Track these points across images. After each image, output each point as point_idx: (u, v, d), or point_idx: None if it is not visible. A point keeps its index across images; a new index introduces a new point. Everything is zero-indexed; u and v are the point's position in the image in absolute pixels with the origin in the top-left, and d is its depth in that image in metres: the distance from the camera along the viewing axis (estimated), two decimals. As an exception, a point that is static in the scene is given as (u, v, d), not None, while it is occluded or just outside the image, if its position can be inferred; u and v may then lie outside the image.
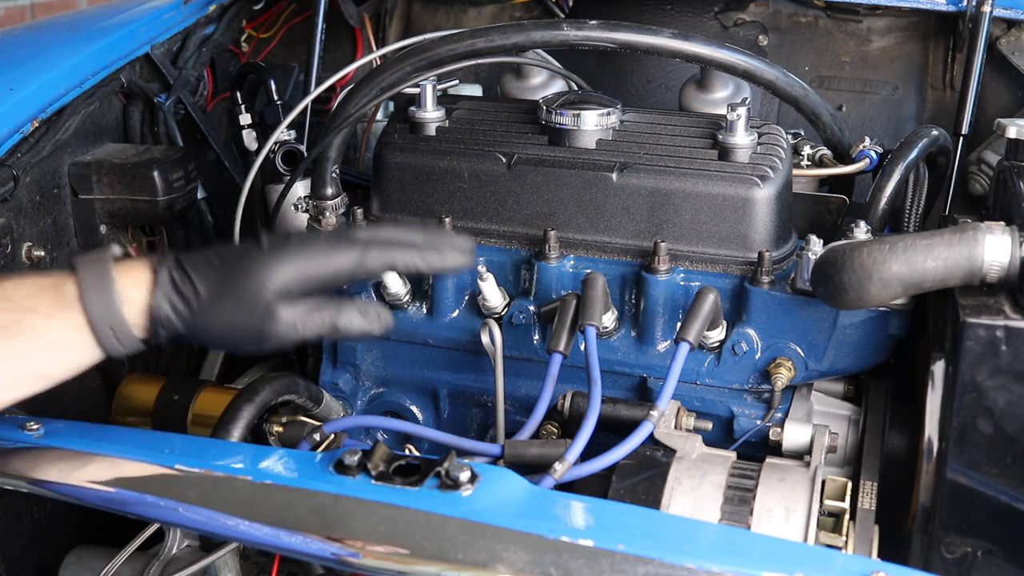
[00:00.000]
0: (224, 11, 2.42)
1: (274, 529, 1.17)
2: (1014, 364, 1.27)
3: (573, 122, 1.65)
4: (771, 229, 1.58)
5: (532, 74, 2.03)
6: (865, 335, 1.53)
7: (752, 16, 2.33)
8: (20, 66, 1.93)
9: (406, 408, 1.77)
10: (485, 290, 1.62)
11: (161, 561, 1.52)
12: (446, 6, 2.53)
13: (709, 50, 1.64)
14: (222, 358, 2.19)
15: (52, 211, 1.93)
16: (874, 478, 1.51)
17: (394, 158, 1.72)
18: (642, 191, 1.60)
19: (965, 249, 1.28)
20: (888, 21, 2.30)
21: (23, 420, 1.38)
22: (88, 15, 2.37)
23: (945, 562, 1.34)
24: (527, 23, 1.66)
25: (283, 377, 1.56)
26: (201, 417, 1.74)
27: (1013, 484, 1.29)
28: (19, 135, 1.83)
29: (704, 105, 1.91)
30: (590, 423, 1.36)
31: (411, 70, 1.70)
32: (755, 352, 1.57)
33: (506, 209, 1.67)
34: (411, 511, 1.14)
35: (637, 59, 2.28)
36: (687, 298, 1.57)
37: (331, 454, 1.24)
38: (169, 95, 2.21)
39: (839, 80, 2.31)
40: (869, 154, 1.77)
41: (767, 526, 1.32)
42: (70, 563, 1.66)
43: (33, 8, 4.72)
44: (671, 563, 1.06)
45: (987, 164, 2.10)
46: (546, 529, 1.11)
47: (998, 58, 2.15)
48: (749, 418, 1.59)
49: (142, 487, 1.25)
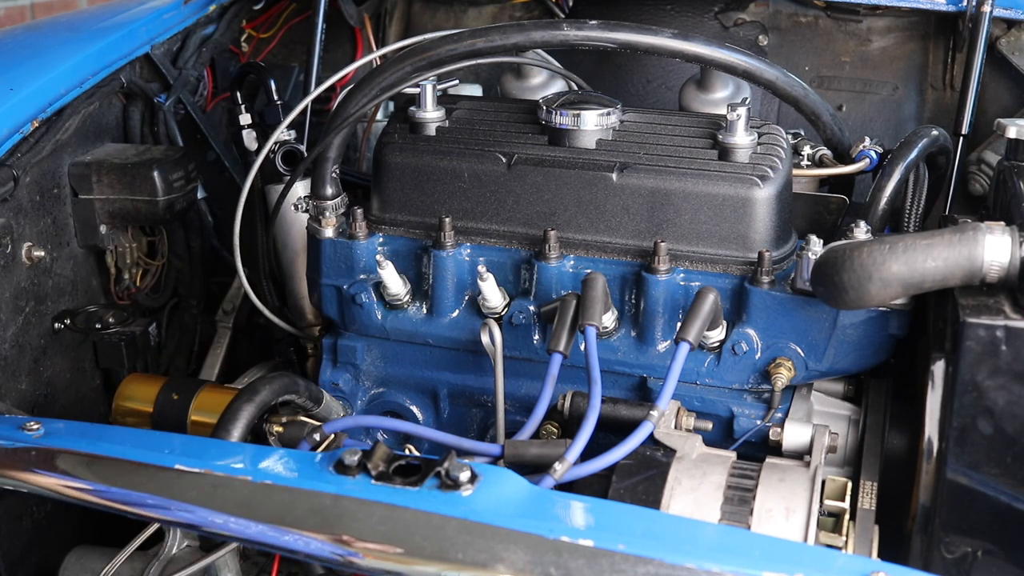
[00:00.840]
0: (224, 11, 2.43)
1: (274, 529, 1.17)
2: (1014, 364, 1.27)
3: (573, 122, 1.65)
4: (771, 229, 1.58)
5: (532, 74, 2.04)
6: (865, 335, 1.53)
7: (752, 16, 2.33)
8: (20, 66, 1.93)
9: (406, 408, 1.77)
10: (485, 290, 1.62)
11: (161, 561, 1.51)
12: (446, 6, 2.53)
13: (709, 50, 1.64)
14: (222, 358, 2.19)
15: (52, 211, 1.93)
16: (874, 478, 1.51)
17: (394, 158, 1.72)
18: (642, 191, 1.60)
19: (965, 249, 1.28)
20: (888, 21, 2.30)
21: (23, 420, 1.38)
22: (88, 15, 2.37)
23: (945, 562, 1.34)
24: (527, 23, 1.66)
25: (283, 377, 1.56)
26: (201, 417, 1.74)
27: (1013, 484, 1.29)
28: (19, 135, 1.83)
29: (704, 105, 1.91)
30: (590, 423, 1.36)
31: (411, 70, 1.70)
32: (755, 352, 1.57)
33: (506, 209, 1.67)
34: (411, 511, 1.14)
35: (637, 59, 2.28)
36: (687, 298, 1.57)
37: (331, 454, 1.24)
38: (169, 95, 2.22)
39: (839, 80, 2.31)
40: (869, 154, 1.77)
41: (767, 526, 1.32)
42: (70, 563, 1.66)
43: (33, 8, 4.72)
44: (671, 563, 1.06)
45: (987, 164, 2.10)
46: (546, 529, 1.11)
47: (998, 58, 2.15)
48: (749, 418, 1.59)
49: (142, 487, 1.25)
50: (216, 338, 2.21)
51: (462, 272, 1.67)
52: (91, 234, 2.00)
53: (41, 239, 1.89)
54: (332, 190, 1.75)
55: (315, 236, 1.75)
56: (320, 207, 1.75)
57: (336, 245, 1.72)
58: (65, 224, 1.97)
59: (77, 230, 1.99)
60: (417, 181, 1.71)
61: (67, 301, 1.98)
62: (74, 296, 2.00)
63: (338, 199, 1.76)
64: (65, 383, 1.98)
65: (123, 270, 2.09)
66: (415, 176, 1.71)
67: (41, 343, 1.91)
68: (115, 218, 2.00)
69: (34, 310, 1.88)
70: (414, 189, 1.71)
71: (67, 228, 1.97)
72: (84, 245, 2.01)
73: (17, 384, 1.84)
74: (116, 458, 1.29)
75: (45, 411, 1.92)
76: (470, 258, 1.67)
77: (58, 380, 1.96)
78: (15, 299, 1.83)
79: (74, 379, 2.01)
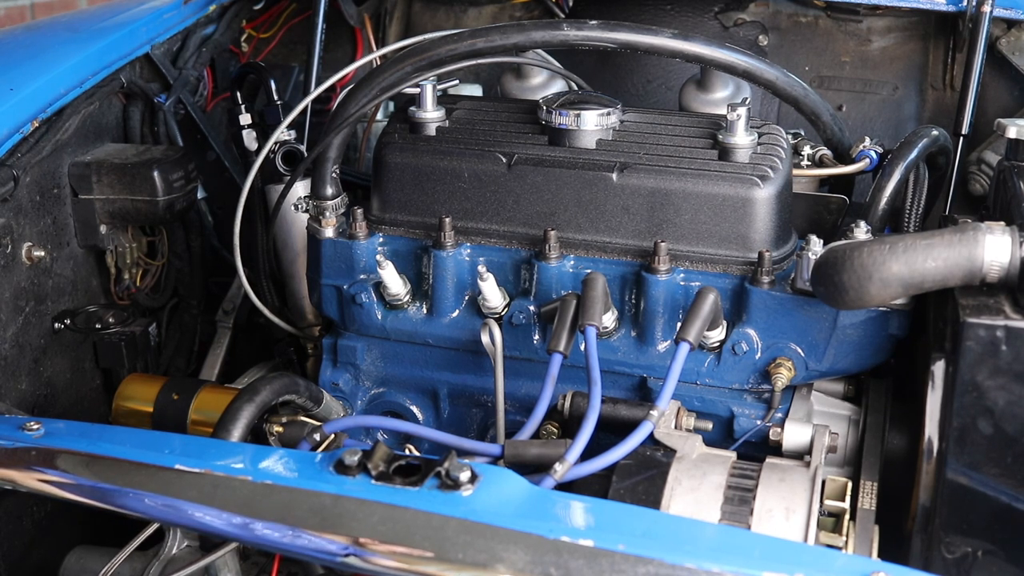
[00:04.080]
0: (224, 11, 2.42)
1: (274, 529, 1.17)
2: (1014, 364, 1.27)
3: (573, 122, 1.65)
4: (771, 229, 1.58)
5: (532, 74, 2.03)
6: (865, 335, 1.53)
7: (752, 16, 2.33)
8: (20, 66, 1.93)
9: (406, 408, 1.77)
10: (485, 290, 1.62)
11: (161, 561, 1.51)
12: (446, 6, 2.53)
13: (709, 50, 1.63)
14: (222, 358, 2.19)
15: (52, 211, 1.93)
16: (874, 478, 1.51)
17: (394, 158, 1.72)
18: (642, 191, 1.60)
19: (965, 249, 1.28)
20: (888, 21, 2.30)
21: (23, 420, 1.38)
22: (88, 15, 2.37)
23: (945, 562, 1.34)
24: (527, 23, 1.66)
25: (283, 377, 1.56)
26: (201, 417, 1.74)
27: (1013, 484, 1.29)
28: (19, 135, 1.83)
29: (704, 105, 1.91)
30: (590, 423, 1.36)
31: (411, 70, 1.69)
32: (755, 352, 1.57)
33: (506, 209, 1.67)
34: (411, 511, 1.14)
35: (637, 59, 2.28)
36: (687, 298, 1.57)
37: (331, 454, 1.24)
38: (169, 95, 2.22)
39: (839, 80, 2.31)
40: (869, 154, 1.77)
41: (767, 526, 1.32)
42: (70, 563, 1.66)
43: (33, 8, 4.72)
44: (671, 563, 1.06)
45: (987, 164, 2.10)
46: (546, 529, 1.11)
47: (998, 58, 2.15)
48: (749, 418, 1.59)
49: (142, 487, 1.25)
50: (216, 338, 2.21)
51: (462, 272, 1.67)
52: (91, 234, 2.00)
53: (41, 239, 1.89)
54: (332, 190, 1.75)
55: (315, 236, 1.75)
56: (320, 207, 1.75)
57: (336, 245, 1.72)
58: (65, 224, 1.96)
59: (77, 230, 1.99)
60: (417, 181, 1.71)
61: (67, 301, 1.98)
62: (74, 296, 2.00)
63: (338, 199, 1.76)
64: (65, 383, 1.98)
65: (123, 270, 2.09)
66: (415, 176, 1.71)
67: (41, 343, 1.91)
68: (115, 218, 2.00)
69: (34, 310, 1.88)
70: (414, 189, 1.71)
71: (67, 228, 1.97)
72: (84, 245, 2.01)
73: (17, 384, 1.84)
74: (116, 458, 1.29)
75: (45, 411, 1.92)
76: (470, 258, 1.67)
77: (58, 380, 1.96)
78: (15, 299, 1.83)
79: (74, 379, 2.01)
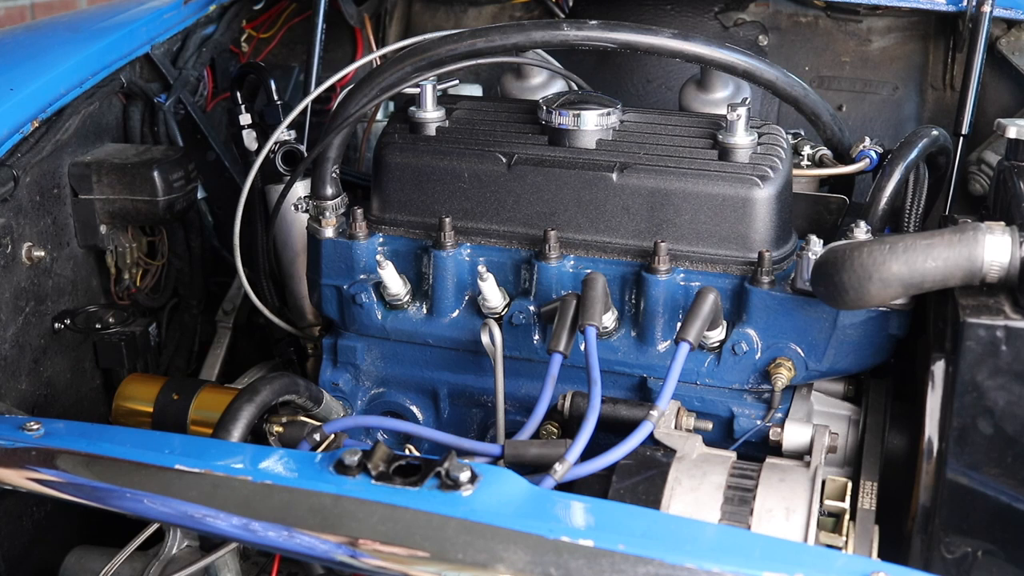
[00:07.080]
0: (224, 11, 2.42)
1: (274, 529, 1.17)
2: (1014, 364, 1.27)
3: (573, 122, 1.65)
4: (771, 229, 1.58)
5: (532, 74, 2.03)
6: (865, 335, 1.53)
7: (752, 16, 2.33)
8: (20, 66, 1.93)
9: (406, 408, 1.77)
10: (485, 290, 1.62)
11: (161, 561, 1.51)
12: (446, 6, 2.53)
13: (709, 50, 1.63)
14: (222, 358, 2.19)
15: (52, 211, 1.93)
16: (874, 478, 1.51)
17: (394, 158, 1.72)
18: (642, 191, 1.60)
19: (965, 249, 1.28)
20: (888, 21, 2.30)
21: (23, 420, 1.38)
22: (88, 15, 2.37)
23: (945, 562, 1.34)
24: (527, 23, 1.66)
25: (283, 377, 1.56)
26: (201, 417, 1.74)
27: (1013, 484, 1.29)
28: (19, 135, 1.83)
29: (704, 105, 1.91)
30: (590, 423, 1.36)
31: (411, 70, 1.69)
32: (755, 352, 1.57)
33: (506, 209, 1.67)
34: (411, 511, 1.14)
35: (637, 59, 2.28)
36: (687, 298, 1.57)
37: (331, 454, 1.24)
38: (169, 95, 2.22)
39: (839, 80, 2.31)
40: (869, 154, 1.77)
41: (767, 526, 1.32)
42: (70, 563, 1.66)
43: (33, 8, 4.72)
44: (671, 563, 1.06)
45: (987, 164, 2.10)
46: (546, 529, 1.11)
47: (998, 58, 2.15)
48: (749, 418, 1.59)
49: (142, 487, 1.25)
50: (216, 338, 2.21)
51: (462, 272, 1.67)
52: (91, 234, 2.00)
53: (41, 239, 1.89)
54: (332, 190, 1.75)
55: (315, 236, 1.75)
56: (320, 207, 1.74)
57: (336, 245, 1.72)
58: (65, 224, 1.97)
59: (77, 230, 1.99)
60: (417, 181, 1.71)
61: (67, 301, 1.98)
62: (74, 296, 2.00)
63: (338, 199, 1.76)
64: (65, 383, 1.98)
65: (123, 270, 2.09)
66: (415, 176, 1.71)
67: (41, 343, 1.91)
68: (115, 218, 2.00)
69: (34, 310, 1.88)
70: (414, 189, 1.71)
71: (67, 228, 1.97)
72: (84, 245, 2.01)
73: (17, 384, 1.84)
74: (116, 458, 1.29)
75: (45, 411, 1.92)
76: (470, 258, 1.67)
77: (58, 380, 1.96)
78: (15, 299, 1.83)
79: (74, 379, 2.01)
